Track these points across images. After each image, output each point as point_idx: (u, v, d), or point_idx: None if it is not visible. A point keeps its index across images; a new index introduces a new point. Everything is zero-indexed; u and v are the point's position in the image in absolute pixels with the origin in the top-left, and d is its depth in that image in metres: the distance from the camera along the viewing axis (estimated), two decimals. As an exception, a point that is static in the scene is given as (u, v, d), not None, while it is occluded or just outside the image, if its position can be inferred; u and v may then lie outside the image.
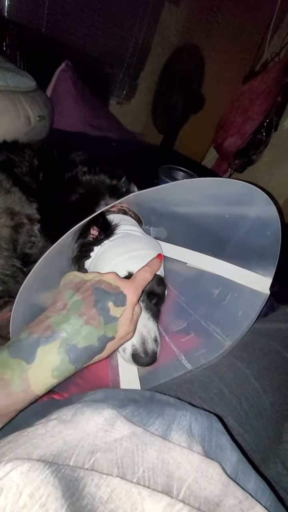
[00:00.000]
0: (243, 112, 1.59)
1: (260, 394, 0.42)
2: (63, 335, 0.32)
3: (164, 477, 0.21)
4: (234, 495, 0.20)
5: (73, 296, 0.35)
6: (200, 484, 0.21)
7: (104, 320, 0.34)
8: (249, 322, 0.48)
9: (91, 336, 0.33)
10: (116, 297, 0.36)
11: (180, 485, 0.20)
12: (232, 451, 0.26)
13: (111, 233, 0.52)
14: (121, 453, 0.22)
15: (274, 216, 0.41)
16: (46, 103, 1.02)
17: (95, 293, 0.35)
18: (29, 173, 0.60)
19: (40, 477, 0.18)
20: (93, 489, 0.18)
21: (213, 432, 0.27)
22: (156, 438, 0.23)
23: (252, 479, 0.25)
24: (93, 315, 0.34)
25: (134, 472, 0.21)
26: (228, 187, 0.40)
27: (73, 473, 0.19)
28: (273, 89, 1.52)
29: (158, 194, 0.42)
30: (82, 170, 0.62)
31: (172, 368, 0.46)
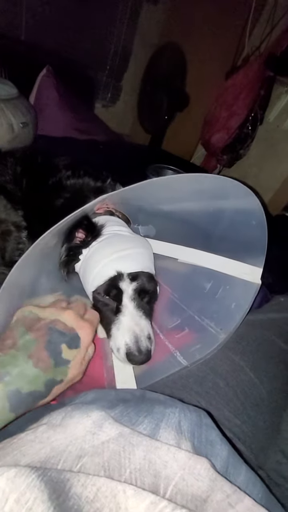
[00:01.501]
0: (228, 107, 1.60)
1: (256, 385, 0.42)
2: (6, 379, 0.30)
3: (151, 477, 0.21)
4: (222, 490, 0.20)
5: (25, 334, 0.33)
6: (187, 481, 0.21)
7: (55, 363, 0.33)
8: (242, 314, 0.48)
9: (37, 381, 0.31)
10: (70, 338, 0.35)
11: (167, 483, 0.20)
12: (222, 445, 0.26)
13: (98, 234, 0.52)
14: (107, 456, 0.22)
15: (256, 205, 0.41)
16: (28, 109, 1.01)
17: (49, 333, 0.34)
18: (13, 181, 0.59)
19: (26, 481, 0.18)
20: (79, 489, 0.18)
21: (203, 428, 0.27)
22: (143, 438, 0.23)
23: (243, 472, 0.25)
24: (43, 357, 0.32)
25: (121, 474, 0.21)
26: (203, 182, 0.40)
27: (59, 476, 0.19)
28: (255, 83, 1.53)
29: (133, 192, 0.42)
30: (66, 175, 0.62)
31: (168, 365, 0.46)
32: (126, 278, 0.48)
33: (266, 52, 1.52)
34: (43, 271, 0.46)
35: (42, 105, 1.26)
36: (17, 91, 0.99)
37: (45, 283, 0.47)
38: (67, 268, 0.50)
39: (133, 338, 0.44)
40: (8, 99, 0.92)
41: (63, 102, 1.31)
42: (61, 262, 0.48)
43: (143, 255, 0.51)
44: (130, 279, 0.48)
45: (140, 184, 0.37)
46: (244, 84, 1.53)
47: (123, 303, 0.48)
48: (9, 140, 0.88)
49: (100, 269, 0.47)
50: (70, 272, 0.51)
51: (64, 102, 1.32)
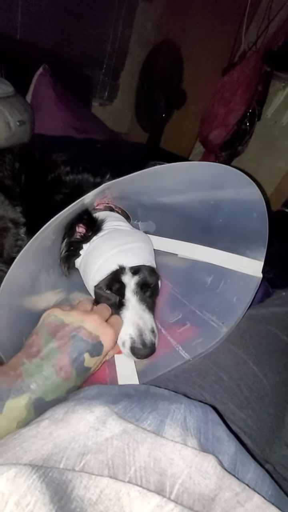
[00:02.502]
0: (225, 104, 1.59)
1: (260, 378, 0.41)
2: (32, 387, 0.31)
3: (156, 475, 0.20)
4: (230, 488, 0.20)
5: (49, 342, 0.34)
6: (194, 479, 0.20)
7: (77, 372, 0.34)
8: (244, 307, 0.48)
9: (60, 389, 0.33)
10: (93, 347, 0.35)
11: (173, 482, 0.20)
12: (230, 442, 0.25)
13: (99, 229, 0.51)
14: (111, 453, 0.21)
15: (257, 196, 0.40)
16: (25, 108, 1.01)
17: (72, 342, 0.34)
18: (11, 177, 0.59)
19: (27, 483, 0.17)
20: (82, 491, 0.17)
21: (209, 424, 0.26)
22: (148, 435, 0.23)
23: (251, 468, 0.24)
24: (65, 367, 0.33)
25: (126, 472, 0.20)
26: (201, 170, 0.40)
27: (61, 476, 0.18)
28: (253, 79, 1.52)
29: (134, 182, 0.41)
30: (65, 170, 0.62)
31: (170, 359, 0.45)
32: (128, 272, 0.48)
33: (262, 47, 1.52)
34: (44, 267, 0.46)
35: (39, 104, 1.25)
36: (14, 89, 0.99)
37: (46, 279, 0.47)
38: (67, 263, 0.49)
39: (137, 331, 0.44)
40: (4, 97, 0.92)
41: (60, 100, 1.31)
42: (62, 257, 0.48)
43: (144, 249, 0.51)
44: (132, 272, 0.48)
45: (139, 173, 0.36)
46: (241, 80, 1.52)
47: (125, 297, 0.48)
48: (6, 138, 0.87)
49: (102, 263, 0.47)
50: (70, 267, 0.50)
51: (61, 101, 1.31)
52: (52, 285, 0.49)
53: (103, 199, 0.58)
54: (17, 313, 0.40)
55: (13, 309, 0.38)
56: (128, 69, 1.89)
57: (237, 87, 1.53)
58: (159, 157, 1.39)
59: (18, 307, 0.40)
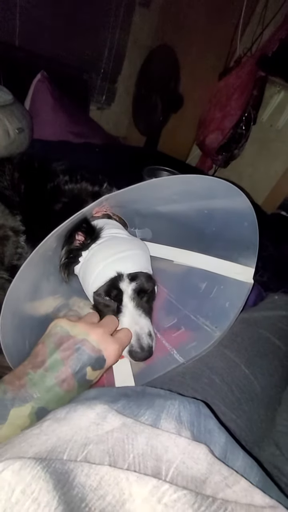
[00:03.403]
0: (222, 108, 1.62)
1: (251, 380, 0.43)
2: (36, 397, 0.33)
3: (153, 461, 0.22)
4: (220, 472, 0.22)
5: (54, 353, 0.35)
6: (187, 464, 0.22)
7: (78, 384, 0.35)
8: (236, 312, 0.50)
9: (62, 400, 0.34)
10: (96, 361, 0.36)
11: (168, 466, 0.22)
12: (220, 433, 0.27)
13: (97, 237, 0.53)
14: (112, 443, 0.23)
15: (247, 206, 0.42)
16: (24, 115, 1.02)
17: (76, 355, 0.35)
18: (10, 187, 0.61)
19: (31, 473, 0.18)
20: (83, 478, 0.19)
21: (201, 417, 0.28)
22: (145, 427, 0.25)
23: (240, 457, 0.26)
24: (68, 380, 0.34)
25: (125, 459, 0.22)
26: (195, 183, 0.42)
27: (64, 466, 0.20)
28: (248, 84, 1.55)
29: (131, 194, 0.43)
30: (63, 180, 0.64)
31: (165, 362, 0.47)
32: (126, 279, 0.50)
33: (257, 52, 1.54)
34: (45, 274, 0.48)
35: (37, 110, 1.27)
36: (13, 97, 1.00)
37: (46, 285, 0.49)
38: (67, 270, 0.51)
39: (135, 336, 0.46)
40: (4, 105, 0.93)
41: (58, 106, 1.32)
42: (62, 265, 0.50)
43: (141, 256, 0.53)
44: (130, 279, 0.50)
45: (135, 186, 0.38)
46: (237, 85, 1.55)
47: (123, 303, 0.50)
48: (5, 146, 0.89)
49: (101, 270, 0.49)
50: (70, 274, 0.52)
51: (59, 106, 1.33)
52: (52, 291, 0.51)
53: (101, 207, 0.60)
54: (20, 318, 0.42)
55: (17, 314, 0.40)
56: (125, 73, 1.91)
57: (233, 91, 1.55)
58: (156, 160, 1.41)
59: (21, 312, 0.42)
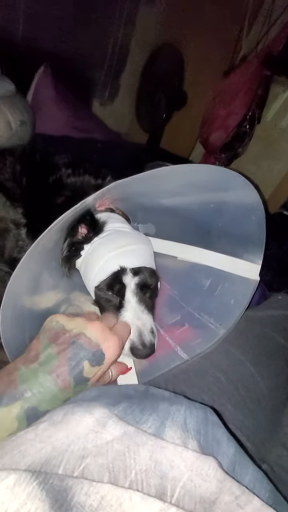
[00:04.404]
0: (226, 106, 1.61)
1: (257, 380, 0.42)
2: (26, 395, 0.30)
3: (157, 478, 0.20)
4: (231, 491, 0.20)
5: (48, 347, 0.33)
6: (195, 482, 0.20)
7: (75, 382, 0.32)
8: (241, 310, 0.49)
9: (56, 400, 0.31)
10: (93, 355, 0.33)
11: (174, 485, 0.20)
12: (229, 443, 0.26)
13: (100, 230, 0.52)
14: (112, 457, 0.21)
15: (256, 200, 0.41)
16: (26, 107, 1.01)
17: (72, 348, 0.32)
18: (12, 179, 0.59)
19: (27, 490, 0.17)
20: (83, 497, 0.17)
21: (209, 426, 0.26)
22: (148, 438, 0.23)
23: (250, 471, 0.25)
24: (63, 375, 0.31)
25: (127, 476, 0.20)
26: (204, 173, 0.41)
27: (61, 483, 0.18)
28: (253, 83, 1.54)
29: (138, 183, 0.42)
30: (66, 173, 0.62)
31: (168, 359, 0.46)
32: (129, 273, 0.49)
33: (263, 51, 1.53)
34: (46, 267, 0.47)
35: (40, 103, 1.25)
36: (15, 88, 0.99)
37: (47, 279, 0.47)
38: (68, 263, 0.50)
39: (136, 332, 0.45)
40: (5, 96, 0.92)
41: (60, 100, 1.31)
42: (63, 258, 0.49)
43: (145, 251, 0.52)
44: (133, 273, 0.49)
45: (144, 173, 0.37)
46: (242, 84, 1.53)
47: (125, 298, 0.49)
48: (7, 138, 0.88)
49: (103, 264, 0.48)
50: (71, 268, 0.51)
51: (61, 100, 1.31)
52: (53, 285, 0.50)
53: (105, 200, 0.58)
54: (20, 312, 0.41)
55: (17, 308, 0.39)
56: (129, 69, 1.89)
57: (238, 90, 1.54)
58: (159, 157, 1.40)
59: (21, 306, 0.41)
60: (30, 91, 1.28)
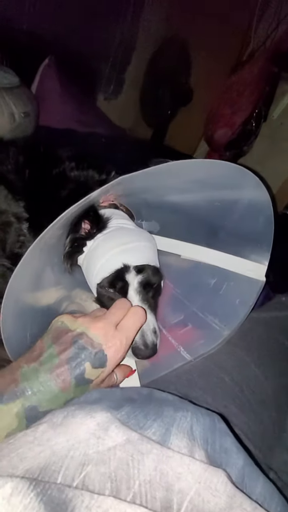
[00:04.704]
0: (232, 103, 1.58)
1: (262, 381, 0.41)
2: (27, 393, 0.29)
3: (163, 491, 0.19)
4: (241, 507, 0.19)
5: (50, 347, 0.32)
6: (203, 497, 0.19)
7: (75, 383, 0.31)
8: (246, 311, 0.48)
9: (56, 400, 0.30)
10: (95, 357, 0.32)
11: (181, 499, 0.19)
12: (238, 454, 0.24)
13: (104, 226, 0.51)
14: (114, 465, 0.20)
15: (265, 199, 0.40)
16: (30, 99, 0.99)
17: (72, 349, 0.32)
18: (15, 171, 0.58)
19: (24, 502, 0.16)
20: (83, 511, 0.16)
21: (217, 434, 0.25)
22: (153, 446, 0.22)
23: (260, 483, 0.23)
24: (64, 375, 0.31)
25: (130, 487, 0.19)
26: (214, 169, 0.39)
27: (61, 495, 0.17)
28: (260, 79, 1.51)
29: (144, 179, 0.41)
30: (69, 166, 0.61)
31: (171, 360, 0.45)
32: (132, 271, 0.48)
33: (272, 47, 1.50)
34: (48, 263, 0.46)
35: (44, 96, 1.23)
36: (19, 79, 0.97)
37: (49, 275, 0.46)
38: (70, 260, 0.49)
39: (139, 332, 0.44)
40: (9, 87, 0.90)
41: (65, 93, 1.29)
42: (65, 254, 0.48)
43: (148, 249, 0.51)
44: (136, 271, 0.48)
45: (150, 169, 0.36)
46: (249, 80, 1.51)
47: (128, 296, 0.48)
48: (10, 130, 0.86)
49: (106, 261, 0.47)
50: (73, 264, 0.50)
51: (66, 93, 1.30)
52: (55, 281, 0.49)
53: (109, 196, 0.57)
54: (21, 309, 0.40)
55: (19, 304, 0.38)
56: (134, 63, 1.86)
57: (245, 87, 1.51)
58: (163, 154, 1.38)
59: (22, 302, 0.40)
60: (34, 83, 1.26)
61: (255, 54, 1.58)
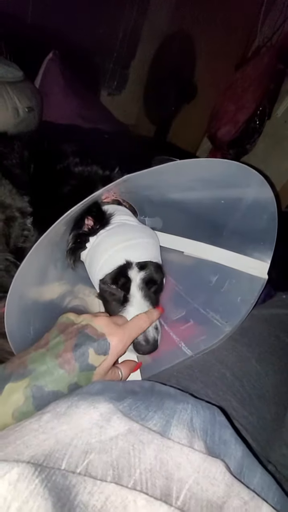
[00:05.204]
0: (236, 100, 1.57)
1: (262, 376, 0.42)
2: (34, 374, 0.32)
3: (163, 479, 0.20)
4: (239, 496, 0.19)
5: (57, 336, 0.35)
6: (201, 485, 0.19)
7: (79, 367, 0.33)
8: (248, 308, 0.48)
9: (61, 381, 0.32)
10: (98, 344, 0.34)
11: (180, 487, 0.19)
12: (237, 445, 0.25)
13: (107, 223, 0.51)
14: (116, 454, 0.21)
15: (269, 197, 0.40)
16: (34, 94, 0.99)
17: (78, 336, 0.35)
18: (19, 165, 0.58)
19: (29, 488, 0.17)
20: (86, 497, 0.17)
21: (216, 426, 0.26)
22: (154, 436, 0.22)
23: (258, 474, 0.24)
24: (69, 359, 0.33)
25: (131, 475, 0.20)
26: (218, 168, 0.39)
27: (65, 481, 0.18)
28: (265, 76, 1.49)
29: (149, 177, 0.41)
30: (74, 161, 0.61)
31: (172, 355, 0.46)
32: (135, 267, 0.48)
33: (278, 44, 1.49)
34: (52, 259, 0.46)
35: (47, 90, 1.23)
36: (23, 74, 0.97)
37: (53, 270, 0.47)
38: (74, 256, 0.49)
39: None
40: (14, 82, 0.90)
41: (68, 87, 1.28)
42: (68, 250, 0.48)
43: (151, 245, 0.51)
44: (139, 268, 0.48)
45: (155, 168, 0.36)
46: (254, 77, 1.49)
47: (130, 292, 0.48)
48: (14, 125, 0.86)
49: (109, 257, 0.47)
50: (76, 260, 0.50)
51: (69, 88, 1.29)
52: (58, 277, 0.49)
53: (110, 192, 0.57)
54: (26, 303, 0.40)
55: (23, 299, 0.39)
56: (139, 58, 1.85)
57: (249, 83, 1.50)
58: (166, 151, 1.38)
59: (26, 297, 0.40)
60: (37, 78, 1.25)
61: (261, 50, 1.56)
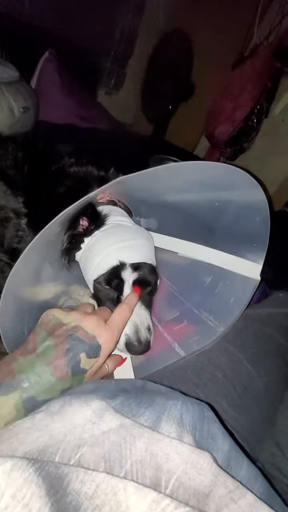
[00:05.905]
0: (233, 99, 1.56)
1: (254, 377, 0.42)
2: (24, 385, 0.30)
3: (152, 470, 0.21)
4: (225, 485, 0.20)
5: (46, 339, 0.34)
6: (189, 475, 0.20)
7: (72, 372, 0.33)
8: (241, 309, 0.48)
9: (53, 389, 0.31)
10: (90, 347, 0.34)
11: (168, 477, 0.20)
12: (224, 439, 0.26)
13: (102, 223, 0.51)
14: (108, 447, 0.22)
15: (262, 200, 0.40)
16: (30, 94, 0.99)
17: (69, 340, 0.33)
18: (14, 166, 0.58)
19: (23, 476, 0.17)
20: (78, 485, 0.18)
21: (205, 421, 0.27)
22: (144, 430, 0.23)
23: (244, 466, 0.25)
24: (60, 366, 0.32)
25: (122, 466, 0.20)
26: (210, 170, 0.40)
27: (57, 470, 0.18)
28: (263, 75, 1.49)
29: (143, 179, 0.41)
30: (69, 162, 0.61)
31: (165, 356, 0.46)
32: (129, 268, 0.48)
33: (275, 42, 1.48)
34: (46, 259, 0.46)
35: (44, 90, 1.22)
36: (19, 74, 0.96)
37: (48, 271, 0.47)
38: (68, 256, 0.49)
39: (133, 328, 0.45)
40: (9, 82, 0.89)
41: (65, 87, 1.28)
42: (63, 250, 0.48)
43: (146, 247, 0.51)
44: (132, 269, 0.48)
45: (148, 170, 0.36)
46: (251, 75, 1.49)
47: (124, 293, 0.48)
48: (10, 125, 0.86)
49: (103, 258, 0.47)
50: (71, 260, 0.51)
51: (66, 87, 1.28)
52: (53, 277, 0.50)
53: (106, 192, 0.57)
54: (20, 303, 0.41)
55: (17, 299, 0.39)
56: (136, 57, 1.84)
57: (246, 82, 1.50)
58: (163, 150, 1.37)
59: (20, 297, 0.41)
60: (34, 77, 1.25)
61: (258, 48, 1.56)
